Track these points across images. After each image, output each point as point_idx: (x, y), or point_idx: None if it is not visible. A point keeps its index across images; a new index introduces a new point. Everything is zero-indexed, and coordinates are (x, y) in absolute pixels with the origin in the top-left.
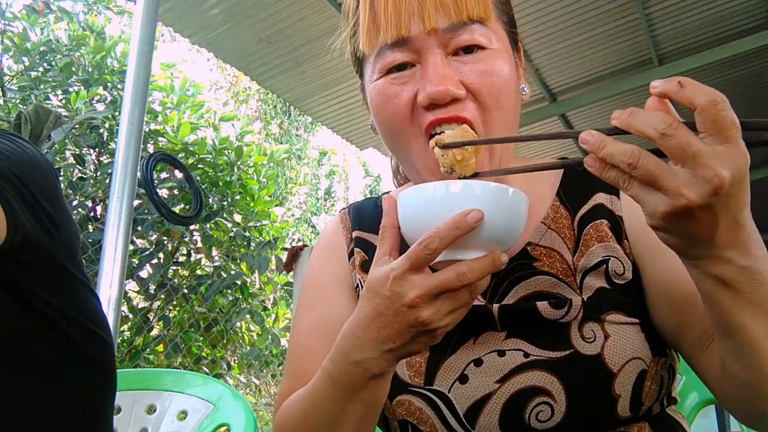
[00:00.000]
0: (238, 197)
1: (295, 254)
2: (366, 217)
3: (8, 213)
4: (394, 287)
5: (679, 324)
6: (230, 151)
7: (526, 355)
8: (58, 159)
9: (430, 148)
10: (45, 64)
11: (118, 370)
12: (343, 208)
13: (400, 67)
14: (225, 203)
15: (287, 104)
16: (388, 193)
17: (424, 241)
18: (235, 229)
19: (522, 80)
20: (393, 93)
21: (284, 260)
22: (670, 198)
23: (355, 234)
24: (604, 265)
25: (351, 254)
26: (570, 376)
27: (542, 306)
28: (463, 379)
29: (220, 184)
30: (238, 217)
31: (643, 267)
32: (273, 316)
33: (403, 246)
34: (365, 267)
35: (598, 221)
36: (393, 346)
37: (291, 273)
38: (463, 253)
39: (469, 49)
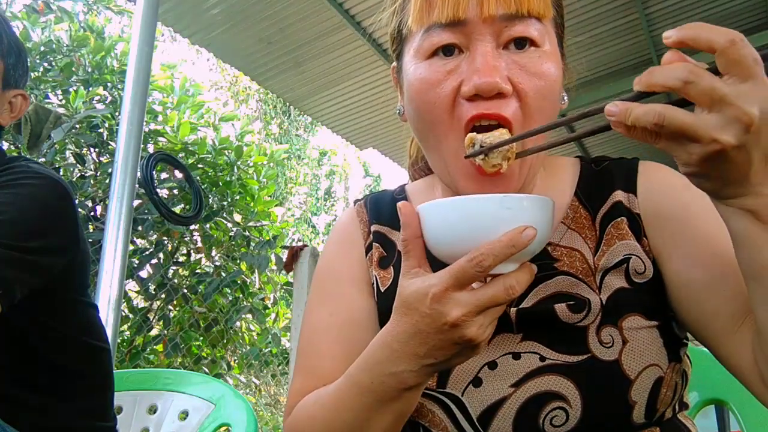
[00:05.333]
0: (238, 197)
1: (295, 254)
2: (384, 210)
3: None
4: (434, 305)
5: (705, 311)
6: (230, 151)
7: (542, 358)
8: (59, 158)
9: (465, 145)
10: (45, 64)
11: (119, 371)
12: (358, 200)
13: (447, 50)
14: (225, 203)
15: (287, 104)
16: (404, 186)
17: (475, 258)
18: (235, 229)
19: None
20: (436, 81)
21: (284, 260)
22: (703, 145)
23: (373, 228)
24: (625, 264)
25: (369, 249)
26: (586, 382)
27: (560, 309)
28: (476, 382)
29: (220, 184)
30: (238, 217)
31: (663, 262)
32: (273, 315)
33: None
34: (383, 264)
35: (619, 219)
36: (434, 361)
37: (291, 273)
38: (499, 267)
39: (522, 43)
